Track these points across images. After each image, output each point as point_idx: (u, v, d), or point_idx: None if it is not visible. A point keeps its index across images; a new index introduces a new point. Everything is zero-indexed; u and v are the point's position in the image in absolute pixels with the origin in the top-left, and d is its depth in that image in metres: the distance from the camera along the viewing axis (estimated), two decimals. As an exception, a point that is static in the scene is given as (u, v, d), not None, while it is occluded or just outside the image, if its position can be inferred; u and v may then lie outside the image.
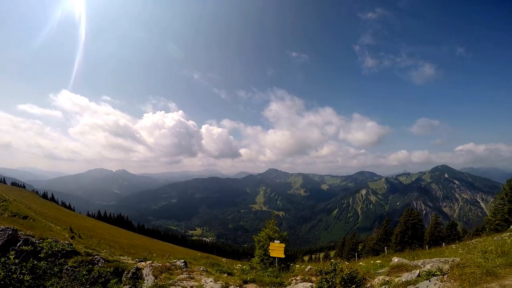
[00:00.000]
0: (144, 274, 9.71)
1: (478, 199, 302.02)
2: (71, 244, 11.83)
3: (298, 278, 9.73)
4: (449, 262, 6.87)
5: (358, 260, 19.72)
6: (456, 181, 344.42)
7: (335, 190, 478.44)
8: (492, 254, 5.80)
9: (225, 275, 11.68)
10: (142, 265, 11.12)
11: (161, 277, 9.20)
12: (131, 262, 12.70)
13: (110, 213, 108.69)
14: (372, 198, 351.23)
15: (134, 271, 10.03)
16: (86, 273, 8.04)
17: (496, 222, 27.99)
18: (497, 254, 5.73)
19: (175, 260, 11.83)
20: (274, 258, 12.41)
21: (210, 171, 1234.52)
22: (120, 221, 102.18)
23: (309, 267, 10.91)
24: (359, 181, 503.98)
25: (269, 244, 12.57)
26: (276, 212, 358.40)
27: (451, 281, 5.08)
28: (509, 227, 19.35)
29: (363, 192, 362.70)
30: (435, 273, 5.77)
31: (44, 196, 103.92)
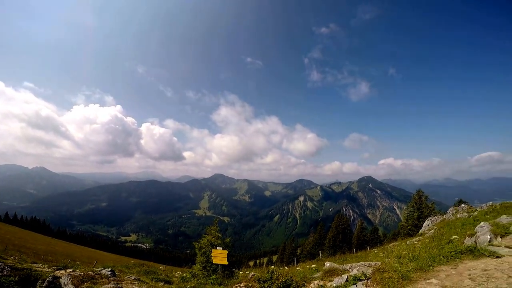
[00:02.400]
0: (62, 284, 8.52)
1: (394, 207, 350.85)
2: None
3: (242, 285, 9.68)
4: (372, 266, 7.67)
5: (296, 264, 20.62)
6: (378, 191, 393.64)
7: (277, 197, 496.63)
8: (405, 259, 6.60)
9: (162, 283, 10.96)
10: (61, 273, 9.63)
11: (82, 286, 8.13)
12: (48, 270, 10.94)
13: (22, 216, 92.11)
14: (309, 204, 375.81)
15: (51, 280, 8.71)
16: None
17: (408, 227, 32.78)
18: (409, 258, 6.57)
19: (100, 269, 10.55)
20: (218, 264, 12.16)
21: (149, 174, 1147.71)
22: (34, 225, 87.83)
23: (252, 273, 10.96)
24: (298, 188, 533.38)
25: (211, 251, 12.28)
26: (221, 218, 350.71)
27: (374, 285, 5.60)
28: (418, 231, 22.78)
29: (301, 199, 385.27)
30: (360, 278, 6.24)
31: None
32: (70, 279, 8.52)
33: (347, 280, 6.43)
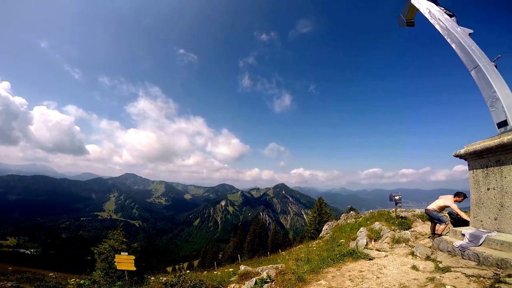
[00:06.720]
0: None
1: (302, 212, 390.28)
2: None
3: (152, 291, 9.12)
4: (278, 268, 8.45)
5: (217, 268, 20.47)
6: (289, 197, 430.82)
7: (197, 201, 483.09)
8: (302, 262, 7.33)
9: (52, 290, 9.26)
10: None
11: None
12: None
13: None
14: (230, 209, 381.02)
15: None
16: None
17: (311, 231, 36.90)
18: (305, 261, 7.32)
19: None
20: (124, 270, 11.11)
21: (38, 168, 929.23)
22: None
23: (165, 278, 10.53)
24: (220, 192, 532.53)
25: (114, 256, 11.21)
26: (130, 222, 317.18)
27: (277, 287, 6.02)
28: (319, 235, 25.73)
29: (223, 203, 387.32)
30: (266, 280, 6.53)
31: None
32: None
33: (255, 283, 6.79)
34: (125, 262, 10.58)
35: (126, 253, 10.86)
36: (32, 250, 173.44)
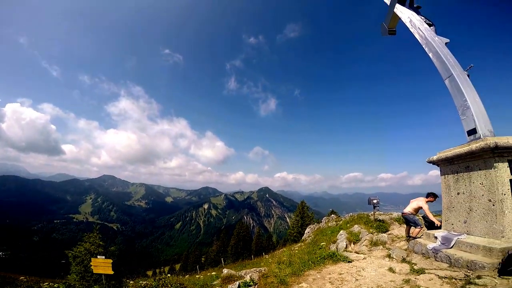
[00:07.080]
0: None
1: (285, 216, 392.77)
2: None
3: (132, 294, 8.89)
4: (261, 272, 8.48)
5: (199, 272, 20.02)
6: (273, 201, 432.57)
7: (179, 204, 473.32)
8: (284, 265, 7.39)
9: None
10: None
11: None
12: None
13: None
14: (213, 212, 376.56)
15: None
16: None
17: (294, 234, 37.32)
18: (287, 264, 7.38)
19: None
20: (100, 274, 10.74)
21: (8, 167, 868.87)
22: None
23: (144, 282, 10.27)
24: (203, 196, 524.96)
25: (90, 260, 10.84)
26: (108, 225, 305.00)
27: None
28: (301, 238, 25.97)
29: (206, 206, 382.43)
30: (249, 284, 6.50)
31: None
32: None
33: (239, 286, 6.83)
34: (102, 265, 10.27)
35: (103, 257, 10.54)
36: (0, 253, 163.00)
